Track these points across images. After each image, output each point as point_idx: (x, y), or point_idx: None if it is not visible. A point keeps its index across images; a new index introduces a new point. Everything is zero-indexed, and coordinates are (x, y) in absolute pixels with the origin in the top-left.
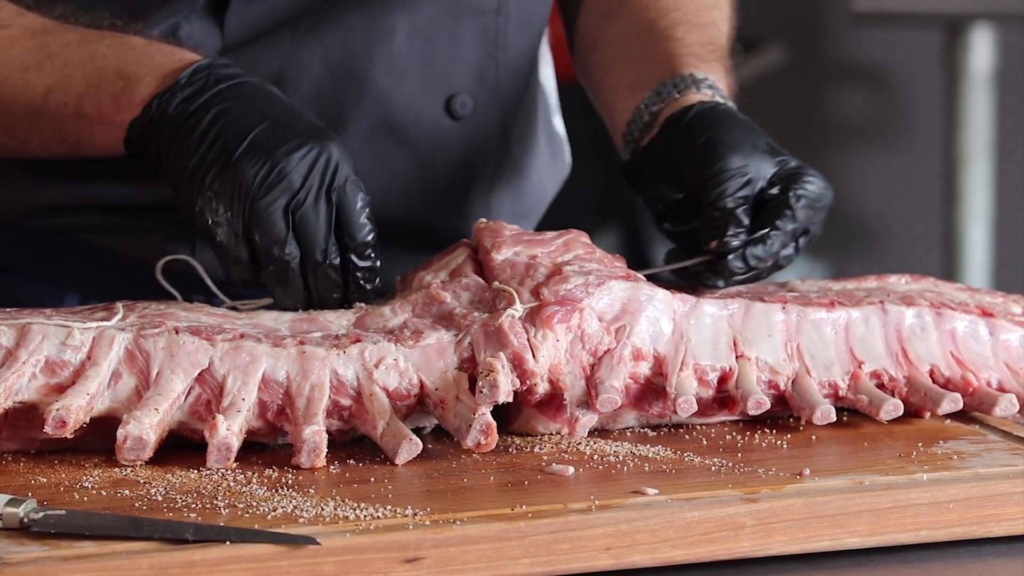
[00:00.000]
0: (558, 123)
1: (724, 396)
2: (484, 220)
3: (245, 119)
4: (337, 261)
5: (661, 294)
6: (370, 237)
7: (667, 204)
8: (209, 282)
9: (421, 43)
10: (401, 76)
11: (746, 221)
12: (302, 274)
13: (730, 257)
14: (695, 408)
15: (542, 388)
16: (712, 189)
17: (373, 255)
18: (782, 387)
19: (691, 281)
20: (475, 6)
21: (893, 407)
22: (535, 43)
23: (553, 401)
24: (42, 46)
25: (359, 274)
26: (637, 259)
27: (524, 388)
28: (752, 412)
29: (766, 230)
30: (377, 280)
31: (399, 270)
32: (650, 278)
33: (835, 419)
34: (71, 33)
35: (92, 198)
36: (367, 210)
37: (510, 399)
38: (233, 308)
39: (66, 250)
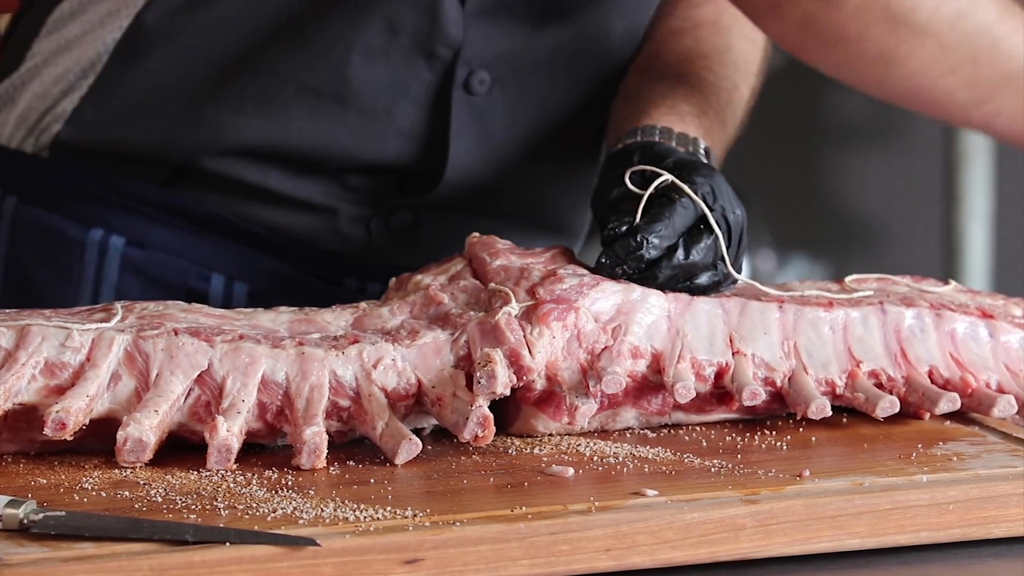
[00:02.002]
0: None
1: (722, 391)
2: (476, 235)
3: None
4: None
5: (655, 295)
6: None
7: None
8: None
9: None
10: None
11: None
12: None
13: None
14: (693, 394)
15: (539, 384)
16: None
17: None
18: (778, 384)
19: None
20: None
21: (889, 404)
22: (558, 35)
23: (552, 398)
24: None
25: None
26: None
27: (521, 384)
28: (747, 403)
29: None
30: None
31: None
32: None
33: (830, 413)
34: None
35: (285, 141)
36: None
37: (508, 392)
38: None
39: (212, 227)
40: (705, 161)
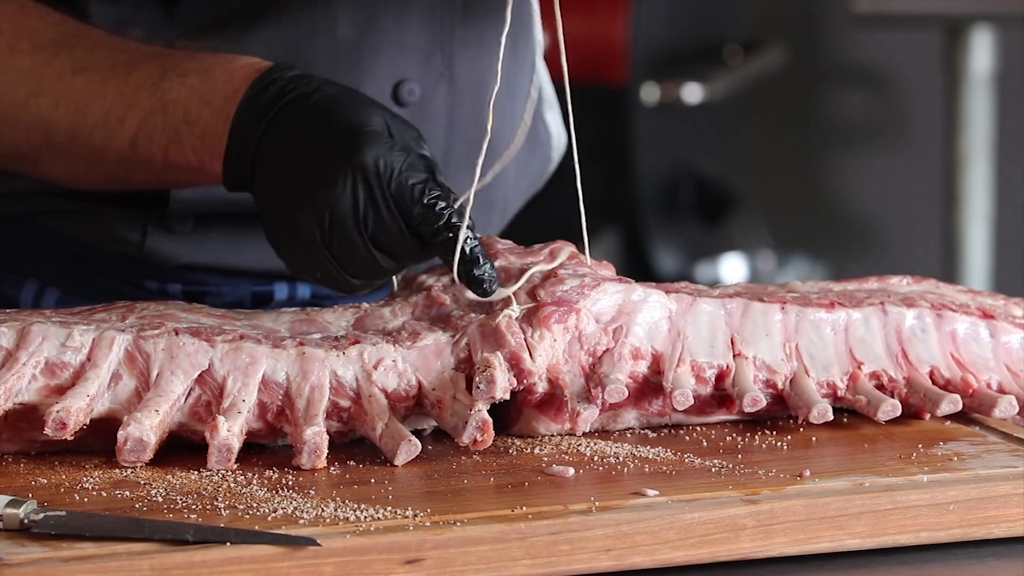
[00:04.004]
0: (551, 119)
1: (722, 394)
2: (478, 236)
3: (288, 166)
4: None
5: (655, 295)
6: (441, 222)
7: None
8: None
9: (367, 30)
10: (347, 64)
11: None
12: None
13: None
14: (691, 401)
15: (541, 387)
16: None
17: (450, 224)
18: (780, 386)
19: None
20: None
21: (891, 407)
22: (486, 28)
23: (553, 401)
24: (120, 94)
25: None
26: (638, 260)
27: (522, 388)
28: (748, 409)
29: None
30: (467, 235)
31: None
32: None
33: (832, 418)
34: (141, 72)
35: (45, 186)
36: (425, 194)
37: (507, 396)
38: None
39: (25, 235)
40: None
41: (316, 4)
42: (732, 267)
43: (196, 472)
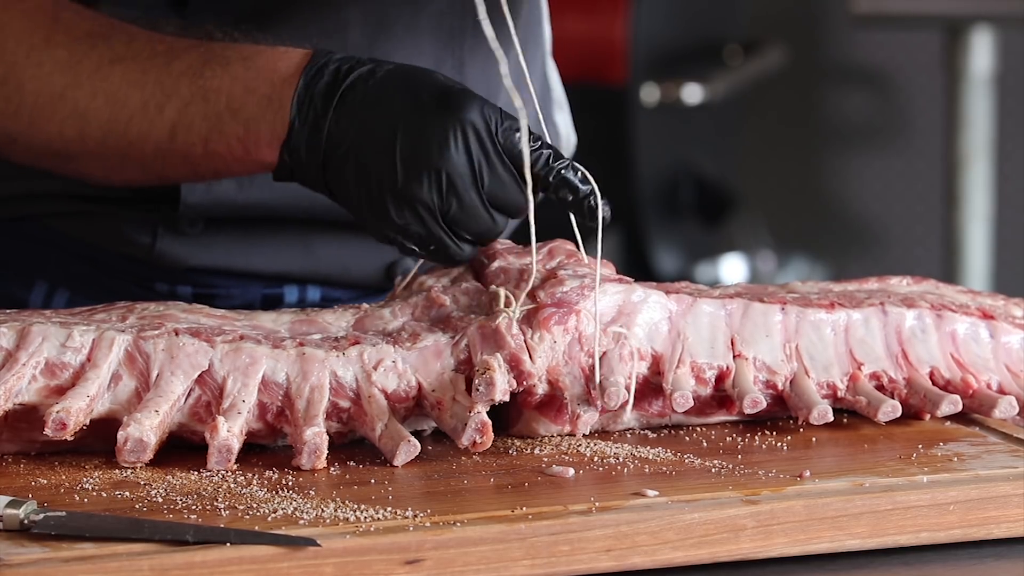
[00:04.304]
0: (560, 119)
1: (722, 395)
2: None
3: (380, 139)
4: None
5: (655, 295)
6: (548, 162)
7: None
8: None
9: (377, 36)
10: None
11: None
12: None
13: None
14: (691, 403)
15: (541, 389)
16: None
17: (564, 174)
18: (780, 387)
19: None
20: None
21: (891, 408)
22: (496, 34)
23: (553, 402)
24: (159, 83)
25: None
26: (638, 259)
27: (522, 389)
28: (748, 411)
29: None
30: (579, 185)
31: (365, 257)
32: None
33: (832, 419)
34: (181, 61)
35: (55, 188)
36: (532, 144)
37: (506, 398)
38: None
39: (34, 238)
40: None
41: (326, 11)
42: (732, 267)
43: (196, 472)
